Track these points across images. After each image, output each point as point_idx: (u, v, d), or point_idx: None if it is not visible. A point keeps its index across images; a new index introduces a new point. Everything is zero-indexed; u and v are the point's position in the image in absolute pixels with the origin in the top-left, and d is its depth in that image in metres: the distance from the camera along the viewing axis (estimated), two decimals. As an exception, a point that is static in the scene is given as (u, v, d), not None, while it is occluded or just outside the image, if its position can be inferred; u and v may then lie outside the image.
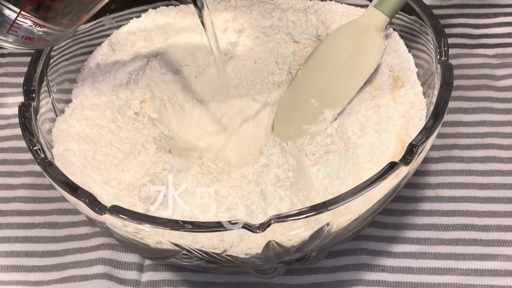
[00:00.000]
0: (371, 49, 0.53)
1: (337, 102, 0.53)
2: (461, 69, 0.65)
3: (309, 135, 0.53)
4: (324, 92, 0.54)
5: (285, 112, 0.56)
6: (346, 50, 0.54)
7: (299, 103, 0.55)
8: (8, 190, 0.61)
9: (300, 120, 0.54)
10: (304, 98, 0.55)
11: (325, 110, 0.53)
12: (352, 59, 0.54)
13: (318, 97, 0.54)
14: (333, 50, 0.55)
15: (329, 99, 0.54)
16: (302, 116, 0.54)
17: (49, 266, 0.56)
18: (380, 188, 0.44)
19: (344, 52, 0.54)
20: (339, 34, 0.55)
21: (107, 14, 0.59)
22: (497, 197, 0.57)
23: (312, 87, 0.55)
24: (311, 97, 0.54)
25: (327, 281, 0.54)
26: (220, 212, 0.46)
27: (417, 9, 0.53)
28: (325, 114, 0.53)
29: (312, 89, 0.55)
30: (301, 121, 0.54)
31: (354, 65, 0.54)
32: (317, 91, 0.54)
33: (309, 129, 0.54)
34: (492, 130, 0.61)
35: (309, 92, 0.55)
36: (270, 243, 0.43)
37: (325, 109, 0.53)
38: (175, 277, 0.55)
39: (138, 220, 0.42)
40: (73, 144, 0.51)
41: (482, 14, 0.70)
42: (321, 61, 0.55)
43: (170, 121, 0.56)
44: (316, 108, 0.54)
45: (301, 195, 0.47)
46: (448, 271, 0.53)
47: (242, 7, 0.61)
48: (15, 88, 0.68)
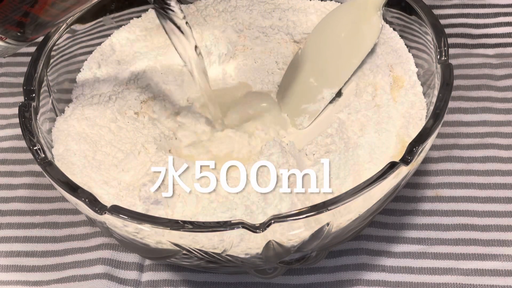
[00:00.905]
0: (368, 29, 0.54)
1: (335, 81, 0.54)
2: (461, 69, 0.65)
3: (308, 114, 0.55)
4: (322, 71, 0.55)
5: (285, 91, 0.57)
6: (343, 29, 0.55)
7: (298, 82, 0.56)
8: (8, 190, 0.61)
9: (299, 99, 0.55)
10: (303, 78, 0.56)
11: (323, 89, 0.54)
12: (350, 39, 0.55)
13: (317, 77, 0.55)
14: (331, 30, 0.56)
15: (328, 79, 0.55)
16: (301, 95, 0.55)
17: (49, 266, 0.56)
18: (380, 188, 0.44)
19: (342, 31, 0.55)
20: (337, 14, 0.56)
21: (107, 14, 0.59)
22: (497, 197, 0.57)
23: (311, 67, 0.56)
24: (310, 77, 0.55)
25: (327, 281, 0.54)
26: (220, 212, 0.46)
27: (417, 9, 0.53)
28: (323, 93, 0.54)
29: (311, 69, 0.56)
30: (300, 100, 0.55)
31: (352, 44, 0.54)
32: (316, 71, 0.55)
33: (308, 108, 0.55)
34: (492, 130, 0.61)
35: (308, 71, 0.56)
36: (270, 243, 0.43)
37: (323, 88, 0.54)
38: (175, 277, 0.55)
39: (138, 220, 0.42)
40: (73, 144, 0.51)
41: (482, 14, 0.70)
42: (319, 41, 0.56)
43: (170, 121, 0.56)
44: (315, 88, 0.55)
45: (301, 195, 0.47)
46: (448, 271, 0.53)
47: (242, 7, 0.61)
48: (15, 88, 0.68)
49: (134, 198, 0.47)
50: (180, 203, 0.47)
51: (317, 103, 0.55)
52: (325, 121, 0.55)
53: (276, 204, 0.46)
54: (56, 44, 0.54)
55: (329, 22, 0.56)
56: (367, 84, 0.53)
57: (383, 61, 0.55)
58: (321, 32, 0.56)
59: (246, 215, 0.45)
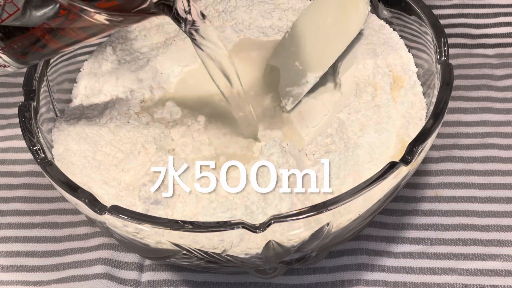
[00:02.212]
0: (355, 14, 0.54)
1: (319, 66, 0.55)
2: (461, 69, 0.65)
3: (292, 97, 0.55)
4: (308, 55, 0.55)
5: (271, 73, 0.57)
6: (330, 14, 0.55)
7: (284, 65, 0.56)
8: (8, 190, 0.61)
9: (284, 81, 0.56)
10: (289, 61, 0.56)
11: (308, 73, 0.55)
12: (336, 24, 0.55)
13: (302, 60, 0.55)
14: (318, 14, 0.56)
15: (312, 63, 0.55)
16: (286, 78, 0.56)
17: (49, 266, 0.56)
18: (380, 188, 0.44)
19: (328, 16, 0.55)
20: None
21: (107, 14, 0.59)
22: (497, 197, 0.57)
23: (297, 51, 0.56)
24: (296, 60, 0.55)
25: (327, 281, 0.54)
26: (220, 212, 0.46)
27: (417, 9, 0.53)
28: (307, 77, 0.55)
29: (296, 53, 0.56)
30: (285, 82, 0.56)
31: (338, 29, 0.55)
32: (301, 55, 0.56)
33: (292, 91, 0.55)
34: (492, 130, 0.61)
35: (294, 55, 0.56)
36: (270, 243, 0.43)
37: (308, 72, 0.55)
38: (175, 277, 0.55)
39: (138, 220, 0.42)
40: (73, 144, 0.51)
41: (482, 14, 0.70)
42: (306, 25, 0.56)
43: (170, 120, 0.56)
44: (299, 71, 0.55)
45: (301, 195, 0.47)
46: (448, 271, 0.53)
47: (242, 7, 0.61)
48: (15, 88, 0.68)
49: (134, 198, 0.47)
50: (180, 203, 0.47)
51: (301, 87, 0.55)
52: (325, 121, 0.54)
53: (276, 204, 0.46)
54: (56, 44, 0.54)
55: (316, 6, 0.56)
56: (367, 84, 0.53)
57: (383, 61, 0.55)
58: (308, 16, 0.56)
59: (246, 215, 0.45)
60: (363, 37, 0.56)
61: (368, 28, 0.57)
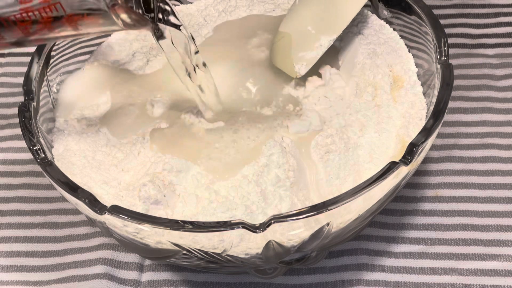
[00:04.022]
0: None
1: (333, 29, 0.54)
2: (461, 69, 0.65)
3: (305, 62, 0.54)
4: (320, 19, 0.55)
5: (283, 40, 0.56)
6: None
7: (296, 30, 0.56)
8: (8, 190, 0.61)
9: (297, 47, 0.55)
10: (301, 26, 0.55)
11: (321, 36, 0.54)
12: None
13: (315, 24, 0.55)
14: None
15: (326, 26, 0.54)
16: (299, 43, 0.55)
17: (49, 266, 0.56)
18: (380, 188, 0.44)
19: None
20: None
21: (107, 14, 0.59)
22: (497, 197, 0.57)
23: (309, 15, 0.55)
24: (308, 25, 0.55)
25: (327, 281, 0.54)
26: (220, 212, 0.46)
27: (417, 9, 0.53)
28: (321, 40, 0.54)
29: (308, 17, 0.55)
30: (298, 48, 0.55)
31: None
32: (313, 18, 0.55)
33: (306, 56, 0.54)
34: (492, 130, 0.61)
35: (306, 19, 0.55)
36: (270, 243, 0.43)
37: (321, 35, 0.54)
38: (175, 277, 0.55)
39: (138, 220, 0.42)
40: (73, 144, 0.51)
41: (482, 14, 0.70)
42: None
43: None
44: (312, 35, 0.55)
45: (301, 195, 0.47)
46: (448, 271, 0.53)
47: (242, 7, 0.61)
48: (15, 88, 0.68)
49: (134, 198, 0.47)
50: (180, 203, 0.47)
51: (314, 51, 0.54)
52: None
53: (276, 204, 0.46)
54: (56, 44, 0.54)
55: None
56: (367, 84, 0.53)
57: (383, 61, 0.55)
58: None
59: (246, 215, 0.45)
60: (363, 37, 0.56)
61: (368, 28, 0.57)
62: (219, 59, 0.56)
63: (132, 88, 0.56)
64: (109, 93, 0.55)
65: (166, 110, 0.54)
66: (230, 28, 0.60)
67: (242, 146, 0.50)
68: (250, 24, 0.60)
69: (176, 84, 0.55)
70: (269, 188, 0.47)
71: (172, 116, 0.53)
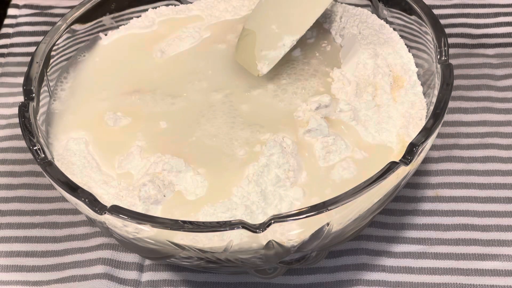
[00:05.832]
0: None
1: (296, 29, 0.54)
2: (461, 69, 0.65)
3: (268, 61, 0.54)
4: (285, 18, 0.55)
5: (247, 37, 0.56)
6: None
7: (260, 29, 0.56)
8: (8, 190, 0.61)
9: (260, 45, 0.55)
10: (266, 24, 0.55)
11: (284, 36, 0.54)
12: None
13: (279, 23, 0.55)
14: None
15: (289, 26, 0.55)
16: (263, 41, 0.55)
17: (49, 266, 0.56)
18: (380, 188, 0.44)
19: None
20: None
21: (107, 14, 0.59)
22: (497, 197, 0.57)
23: (274, 14, 0.55)
24: (272, 23, 0.55)
25: (327, 281, 0.54)
26: (220, 212, 0.46)
27: (417, 9, 0.53)
28: (284, 40, 0.54)
29: (273, 16, 0.55)
30: (261, 46, 0.55)
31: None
32: (278, 18, 0.55)
33: (268, 55, 0.54)
34: (492, 130, 0.61)
35: (270, 18, 0.55)
36: (270, 243, 0.43)
37: (284, 35, 0.54)
38: (175, 277, 0.55)
39: (138, 220, 0.42)
40: (73, 144, 0.51)
41: (482, 14, 0.70)
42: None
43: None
44: (276, 34, 0.55)
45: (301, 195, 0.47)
46: (448, 271, 0.53)
47: (242, 7, 0.61)
48: (15, 88, 0.68)
49: (134, 198, 0.47)
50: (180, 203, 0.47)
51: (277, 50, 0.54)
52: None
53: (276, 204, 0.46)
54: (56, 44, 0.54)
55: None
56: (367, 84, 0.53)
57: (383, 61, 0.55)
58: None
59: (246, 215, 0.45)
60: (363, 37, 0.56)
61: (368, 28, 0.57)
62: (219, 59, 0.56)
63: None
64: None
65: (166, 110, 0.54)
66: (231, 28, 0.60)
67: (242, 146, 0.50)
68: None
69: (176, 84, 0.55)
70: (269, 188, 0.47)
71: (172, 115, 0.53)
